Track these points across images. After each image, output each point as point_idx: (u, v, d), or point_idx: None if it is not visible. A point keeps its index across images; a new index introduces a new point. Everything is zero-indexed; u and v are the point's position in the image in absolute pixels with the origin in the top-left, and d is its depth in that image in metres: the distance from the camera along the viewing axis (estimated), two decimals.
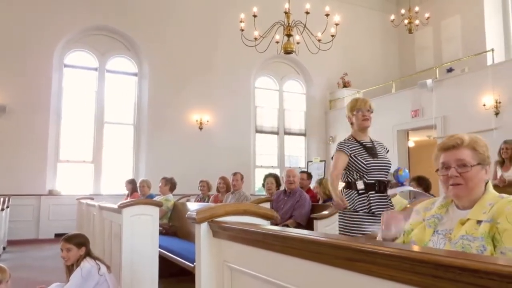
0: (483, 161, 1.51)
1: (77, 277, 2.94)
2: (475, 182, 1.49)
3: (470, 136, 1.55)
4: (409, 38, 12.26)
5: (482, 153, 1.52)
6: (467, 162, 1.49)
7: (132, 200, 3.69)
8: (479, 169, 1.50)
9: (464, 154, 1.51)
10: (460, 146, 1.52)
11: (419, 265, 0.80)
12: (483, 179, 1.51)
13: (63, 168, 9.90)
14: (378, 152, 3.04)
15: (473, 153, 1.51)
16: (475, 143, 1.52)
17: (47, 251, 7.30)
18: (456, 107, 8.75)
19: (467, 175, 1.49)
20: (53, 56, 9.66)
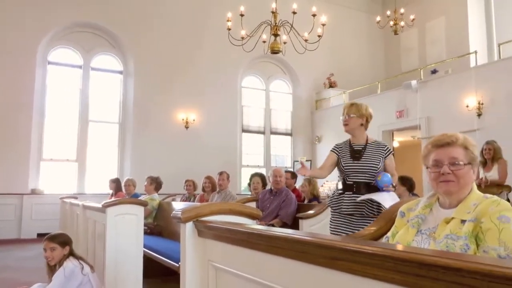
0: (473, 161, 1.54)
1: (60, 277, 2.89)
2: (466, 180, 1.51)
3: (463, 136, 1.58)
4: (395, 40, 12.40)
5: (473, 154, 1.54)
6: (460, 160, 1.51)
7: (117, 199, 3.65)
8: (470, 168, 1.53)
9: (458, 152, 1.53)
10: (454, 144, 1.54)
11: (402, 264, 0.81)
12: (472, 179, 1.54)
13: (46, 166, 9.74)
14: (365, 155, 3.06)
15: (465, 152, 1.53)
16: (467, 143, 1.55)
17: (29, 251, 7.18)
18: (440, 108, 8.88)
19: (459, 173, 1.50)
20: (37, 52, 9.50)
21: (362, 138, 3.14)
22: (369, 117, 3.15)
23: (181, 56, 10.79)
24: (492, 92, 8.04)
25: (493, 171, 5.71)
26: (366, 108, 3.15)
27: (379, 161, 3.04)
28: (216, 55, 11.05)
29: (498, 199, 1.44)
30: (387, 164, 3.08)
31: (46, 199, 9.08)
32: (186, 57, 10.84)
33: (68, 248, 3.05)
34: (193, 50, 10.95)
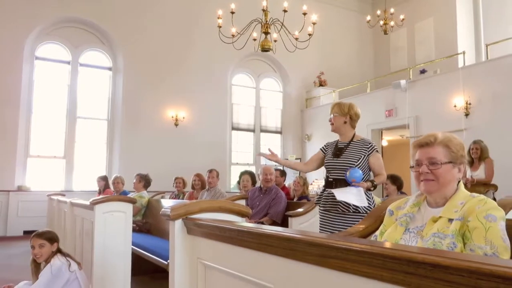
0: (456, 160, 1.55)
1: (46, 274, 2.87)
2: (446, 179, 1.53)
3: (445, 135, 1.59)
4: (384, 39, 12.47)
5: (455, 152, 1.55)
6: (438, 159, 1.53)
7: (105, 197, 3.62)
8: (450, 167, 1.54)
9: (436, 152, 1.55)
10: (433, 143, 1.56)
11: (390, 261, 0.81)
12: (455, 177, 1.55)
13: (33, 163, 9.62)
14: (346, 152, 3.09)
15: (446, 151, 1.55)
16: (449, 142, 1.56)
17: (15, 248, 7.09)
18: (428, 108, 8.96)
19: (437, 172, 1.53)
20: (24, 47, 9.36)
21: (348, 136, 3.18)
22: (354, 116, 3.17)
23: (171, 53, 10.73)
24: (480, 92, 8.14)
25: (480, 170, 5.79)
26: (350, 107, 3.17)
27: (359, 159, 3.04)
28: (207, 53, 11.01)
29: (484, 198, 1.45)
30: (370, 162, 3.07)
31: (33, 196, 8.97)
32: (176, 54, 10.79)
33: (56, 245, 3.03)
34: (183, 47, 10.89)
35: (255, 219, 4.61)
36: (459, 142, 1.58)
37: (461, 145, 1.58)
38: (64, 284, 2.91)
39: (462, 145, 1.58)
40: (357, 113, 3.19)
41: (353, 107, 3.19)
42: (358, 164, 3.03)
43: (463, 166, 1.58)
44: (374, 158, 3.08)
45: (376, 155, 3.09)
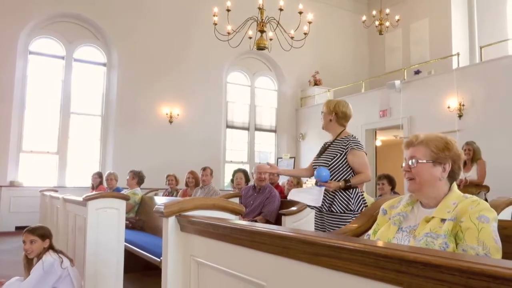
0: (437, 159, 1.56)
1: (38, 271, 2.85)
2: (424, 178, 1.55)
3: (427, 135, 1.61)
4: (379, 40, 12.52)
5: (436, 152, 1.56)
6: (418, 158, 1.57)
7: (98, 193, 3.60)
8: (429, 166, 1.56)
9: (416, 151, 1.59)
10: (414, 143, 1.61)
11: (383, 260, 0.82)
12: (436, 176, 1.55)
13: (26, 158, 9.55)
14: (327, 151, 3.07)
15: (426, 150, 1.57)
16: (429, 141, 1.58)
17: (7, 244, 7.05)
18: (422, 108, 9.01)
19: (414, 170, 1.57)
20: (18, 42, 9.28)
21: (334, 134, 3.12)
22: (340, 113, 3.07)
23: (166, 50, 10.69)
24: (473, 94, 8.19)
25: (472, 172, 5.83)
26: (336, 104, 3.10)
27: (334, 157, 2.97)
28: (202, 50, 10.98)
29: (477, 199, 1.46)
30: (349, 160, 2.95)
31: (25, 192, 8.91)
32: (171, 51, 10.75)
33: (48, 241, 3.01)
34: (178, 44, 10.86)
35: (248, 218, 4.61)
36: (443, 141, 1.58)
37: (446, 145, 1.57)
38: (56, 280, 2.90)
39: (447, 145, 1.57)
40: (344, 111, 3.08)
41: (340, 104, 3.11)
42: (333, 162, 2.96)
43: (448, 165, 1.58)
44: (352, 156, 2.95)
45: (354, 152, 2.95)
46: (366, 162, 2.99)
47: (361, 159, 2.97)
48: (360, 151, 2.98)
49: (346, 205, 2.92)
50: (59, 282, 2.91)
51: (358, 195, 2.97)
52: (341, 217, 2.93)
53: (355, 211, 2.92)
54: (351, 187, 2.94)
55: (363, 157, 2.99)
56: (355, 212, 2.92)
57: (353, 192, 2.96)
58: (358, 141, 3.03)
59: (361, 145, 3.03)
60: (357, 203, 2.94)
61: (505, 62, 7.85)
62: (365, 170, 2.96)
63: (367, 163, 3.00)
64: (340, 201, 2.93)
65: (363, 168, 2.96)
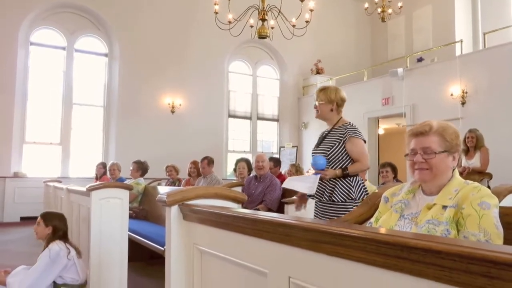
0: (450, 149, 1.55)
1: (45, 258, 2.90)
2: (440, 168, 1.53)
3: (440, 123, 1.58)
4: (382, 27, 12.42)
5: (450, 141, 1.55)
6: (433, 149, 1.53)
7: (101, 183, 3.62)
8: (445, 156, 1.54)
9: (431, 141, 1.55)
10: (428, 132, 1.56)
11: (384, 246, 0.82)
12: (449, 166, 1.55)
13: (29, 149, 9.59)
14: (325, 140, 3.02)
15: (440, 140, 1.55)
16: (444, 130, 1.56)
17: (12, 234, 7.11)
18: (425, 96, 8.97)
19: (431, 162, 1.53)
20: (18, 33, 9.26)
21: (332, 122, 3.05)
22: (340, 101, 3.02)
23: (168, 40, 10.64)
24: (476, 81, 8.14)
25: (475, 159, 5.83)
26: (336, 92, 3.02)
27: (333, 146, 2.93)
28: (203, 40, 10.93)
29: (478, 185, 1.46)
30: (347, 148, 2.89)
31: (29, 183, 8.96)
32: (172, 41, 10.70)
33: (51, 228, 3.03)
34: (180, 34, 10.80)
35: (250, 207, 4.63)
36: (454, 130, 1.58)
37: (456, 134, 1.58)
38: (62, 269, 2.94)
39: (457, 134, 1.59)
40: (343, 98, 3.03)
41: (339, 92, 3.05)
42: (332, 151, 2.92)
43: (457, 154, 1.58)
44: (350, 144, 2.90)
45: (353, 140, 2.89)
46: (364, 151, 2.94)
47: (359, 147, 2.92)
48: (359, 139, 2.92)
49: (347, 194, 2.88)
50: (64, 271, 2.95)
51: (359, 183, 2.93)
52: (342, 206, 2.89)
53: (357, 199, 2.88)
54: (350, 176, 2.89)
55: (361, 146, 2.93)
56: (357, 200, 2.88)
57: (353, 180, 2.91)
58: (356, 129, 2.97)
59: (360, 133, 2.97)
60: (358, 191, 2.90)
61: (509, 49, 7.79)
62: (363, 159, 2.91)
63: (365, 151, 2.95)
64: (341, 190, 2.89)
65: (361, 156, 2.91)
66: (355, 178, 2.93)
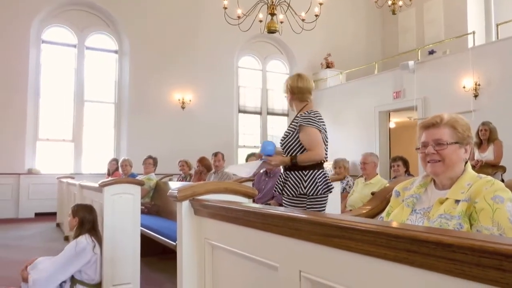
0: (462, 140, 1.54)
1: (70, 250, 2.94)
2: (452, 160, 1.52)
3: (451, 115, 1.57)
4: (392, 19, 12.28)
5: (462, 132, 1.54)
6: (444, 140, 1.52)
7: (114, 179, 3.66)
8: (457, 147, 1.53)
9: (442, 133, 1.54)
10: (439, 124, 1.55)
11: (394, 240, 0.82)
12: (461, 158, 1.54)
13: (42, 146, 9.72)
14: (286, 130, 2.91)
15: (452, 131, 1.53)
16: (455, 122, 1.55)
17: (27, 230, 7.23)
18: (437, 89, 8.86)
19: (443, 153, 1.52)
20: (30, 31, 9.36)
21: (297, 112, 2.92)
22: (295, 89, 2.87)
23: (177, 35, 10.67)
24: (489, 73, 8.02)
25: (488, 152, 5.76)
26: (288, 82, 2.93)
27: (288, 135, 2.82)
28: (213, 35, 10.93)
29: (492, 179, 1.45)
30: (300, 138, 2.75)
31: (43, 179, 9.10)
32: (182, 37, 10.72)
33: (78, 219, 3.11)
34: (189, 29, 10.82)
35: (261, 202, 4.64)
36: (465, 122, 1.57)
37: (468, 126, 1.57)
38: (85, 264, 2.97)
39: (468, 126, 1.57)
40: (297, 86, 2.87)
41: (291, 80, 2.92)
42: (287, 140, 2.80)
43: (469, 147, 1.56)
44: (301, 133, 2.75)
45: (304, 129, 2.74)
46: (316, 139, 2.73)
47: (310, 135, 2.73)
48: (310, 127, 2.73)
49: (297, 187, 2.70)
50: (86, 266, 2.99)
51: (314, 177, 2.72)
52: (295, 201, 2.73)
53: (309, 195, 2.69)
54: (305, 168, 2.72)
55: (312, 134, 2.73)
56: (310, 196, 2.70)
57: (307, 174, 2.71)
58: (310, 117, 2.77)
59: (314, 121, 2.76)
60: (311, 185, 2.70)
61: None
62: (315, 148, 2.71)
63: (317, 140, 2.73)
64: (292, 183, 2.73)
65: (312, 145, 2.72)
66: (311, 172, 2.73)
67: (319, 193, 2.70)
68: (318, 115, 2.80)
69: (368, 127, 10.28)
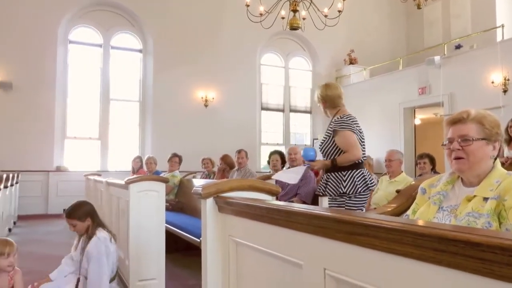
0: (490, 137, 1.49)
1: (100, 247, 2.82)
2: (477, 156, 1.48)
3: (478, 111, 1.53)
4: (418, 14, 12.04)
5: (489, 129, 1.49)
6: (470, 136, 1.48)
7: (139, 176, 3.72)
8: (483, 144, 1.49)
9: (469, 128, 1.50)
10: (465, 120, 1.51)
11: (421, 238, 0.81)
12: (488, 155, 1.50)
13: (70, 144, 9.97)
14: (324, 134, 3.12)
15: (479, 127, 1.49)
16: (482, 118, 1.51)
17: (56, 226, 7.44)
18: (464, 84, 8.65)
19: (468, 149, 1.48)
20: (57, 32, 9.60)
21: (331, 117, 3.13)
22: (326, 97, 3.09)
23: (200, 34, 10.74)
24: None
25: None
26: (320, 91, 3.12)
27: (325, 140, 3.03)
28: (235, 33, 10.96)
29: None
30: (336, 142, 2.96)
31: (71, 176, 9.33)
32: (204, 35, 10.79)
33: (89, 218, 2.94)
34: (211, 27, 10.88)
35: (284, 200, 4.63)
36: (493, 119, 1.52)
37: (496, 122, 1.52)
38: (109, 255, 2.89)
39: (497, 122, 1.52)
40: (326, 94, 3.08)
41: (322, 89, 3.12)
42: (324, 145, 3.02)
43: (498, 144, 1.52)
44: (337, 137, 2.96)
45: (338, 133, 2.95)
46: (351, 141, 2.93)
47: (345, 138, 2.94)
48: (343, 131, 2.94)
49: (337, 187, 2.90)
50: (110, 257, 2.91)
51: (353, 177, 2.90)
52: (336, 201, 2.94)
53: (349, 193, 2.88)
54: (344, 169, 2.91)
55: (347, 137, 2.94)
56: (350, 195, 2.88)
57: (346, 174, 2.91)
58: (343, 121, 2.97)
59: (347, 124, 2.96)
60: (351, 185, 2.89)
61: None
62: (351, 149, 2.91)
63: (352, 142, 2.93)
64: (332, 184, 2.93)
65: (348, 147, 2.92)
66: (350, 172, 2.91)
67: (358, 192, 2.87)
68: (351, 118, 3.00)
69: (392, 124, 10.13)
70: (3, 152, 8.68)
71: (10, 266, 2.62)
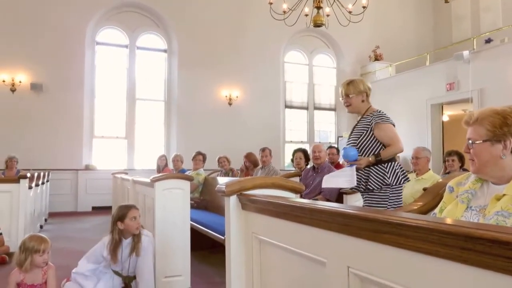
0: (494, 137, 1.45)
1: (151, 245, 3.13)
2: (482, 159, 1.46)
3: (481, 111, 1.50)
4: (445, 8, 11.76)
5: (492, 129, 1.45)
6: (474, 138, 1.49)
7: (164, 174, 3.78)
8: (487, 145, 1.45)
9: (472, 131, 1.51)
10: (469, 123, 1.52)
11: (447, 237, 0.80)
12: (497, 155, 1.45)
13: (98, 143, 10.21)
14: (354, 131, 3.05)
15: (481, 129, 1.47)
16: (484, 119, 1.47)
17: (85, 223, 7.63)
18: (494, 80, 8.39)
19: (472, 152, 1.50)
20: (85, 34, 9.83)
21: (362, 112, 3.08)
22: (368, 90, 3.07)
23: (223, 33, 10.79)
24: None
25: None
26: (363, 82, 3.07)
27: (361, 135, 2.96)
28: (258, 31, 10.96)
29: None
30: (376, 135, 2.91)
31: (99, 175, 9.56)
32: (228, 34, 10.84)
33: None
34: (235, 26, 10.92)
35: (308, 198, 4.62)
36: (499, 117, 1.45)
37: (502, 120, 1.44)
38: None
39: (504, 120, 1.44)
40: (370, 87, 3.10)
41: (365, 82, 3.11)
42: (361, 140, 2.94)
43: (509, 142, 1.44)
44: (378, 130, 2.91)
45: (380, 126, 2.91)
46: (393, 134, 2.94)
47: (388, 131, 2.93)
48: (386, 124, 2.93)
49: (382, 180, 2.86)
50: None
51: (394, 168, 2.90)
52: (381, 194, 2.88)
53: (393, 185, 2.86)
54: (384, 162, 2.88)
55: (390, 130, 2.93)
56: (393, 186, 2.86)
57: (387, 166, 2.89)
58: (382, 115, 2.97)
59: (387, 118, 2.96)
60: (393, 176, 2.87)
61: None
62: (394, 142, 2.91)
63: (395, 135, 2.94)
64: (375, 177, 2.88)
65: (392, 140, 2.92)
66: (390, 163, 2.91)
67: (400, 182, 2.90)
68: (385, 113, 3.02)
69: (419, 121, 9.93)
70: (34, 152, 8.95)
71: (44, 262, 2.72)
